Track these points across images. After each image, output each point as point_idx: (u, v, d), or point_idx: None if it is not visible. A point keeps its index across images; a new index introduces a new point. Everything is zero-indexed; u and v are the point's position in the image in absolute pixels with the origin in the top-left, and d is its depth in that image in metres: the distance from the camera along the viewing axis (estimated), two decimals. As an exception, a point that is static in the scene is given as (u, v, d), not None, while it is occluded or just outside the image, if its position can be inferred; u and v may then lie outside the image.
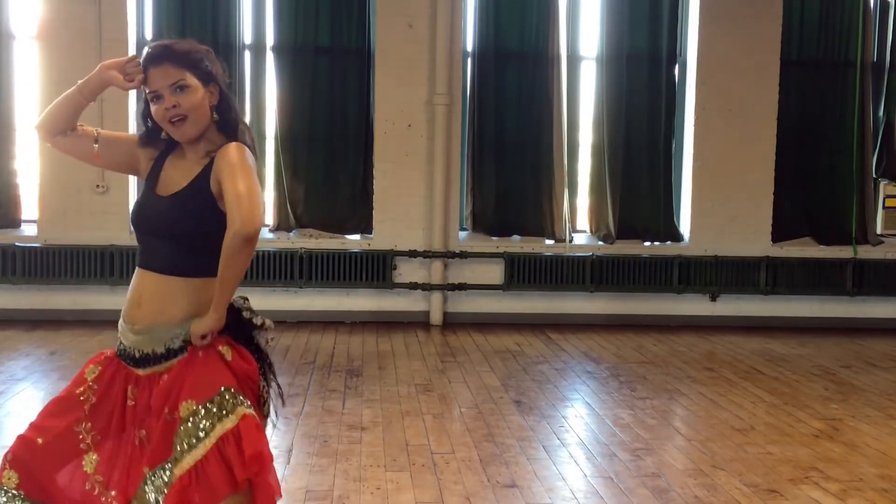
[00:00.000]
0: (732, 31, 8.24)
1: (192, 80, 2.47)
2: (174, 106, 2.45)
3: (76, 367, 6.31)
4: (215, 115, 2.52)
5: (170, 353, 2.48)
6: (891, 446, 4.81)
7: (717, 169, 8.33)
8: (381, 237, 8.11)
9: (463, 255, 8.14)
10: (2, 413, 5.07)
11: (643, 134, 8.35)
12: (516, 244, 8.27)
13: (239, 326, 2.54)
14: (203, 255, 2.44)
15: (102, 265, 7.75)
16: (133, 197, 7.89)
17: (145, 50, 2.54)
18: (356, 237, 8.21)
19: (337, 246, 8.07)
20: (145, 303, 2.49)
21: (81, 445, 2.49)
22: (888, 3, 8.59)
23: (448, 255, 8.10)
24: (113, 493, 2.49)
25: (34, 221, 7.87)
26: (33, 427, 2.51)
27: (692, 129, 8.37)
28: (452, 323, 8.11)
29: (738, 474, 4.29)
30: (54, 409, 2.53)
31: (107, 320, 7.61)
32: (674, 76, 8.42)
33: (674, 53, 8.39)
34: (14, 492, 2.48)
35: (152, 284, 2.49)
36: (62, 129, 2.59)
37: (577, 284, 8.24)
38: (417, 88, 8.03)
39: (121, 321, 2.55)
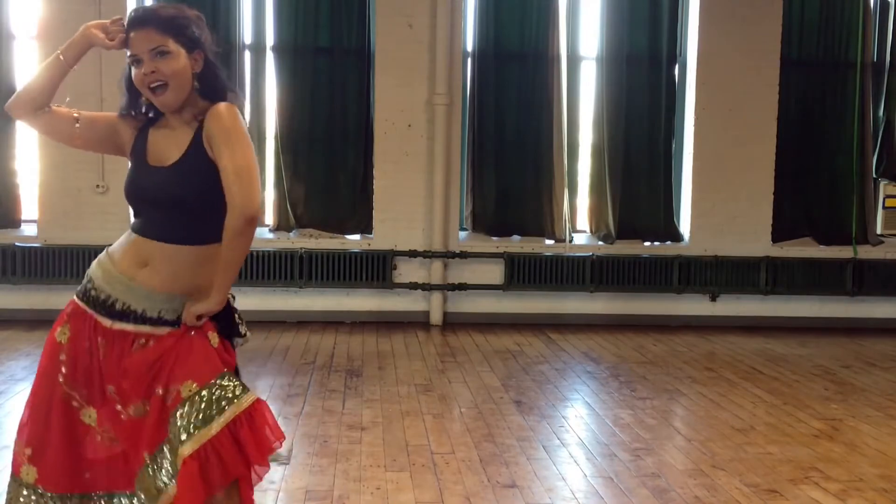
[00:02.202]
0: (732, 31, 8.24)
1: (173, 46, 2.41)
2: (153, 72, 2.40)
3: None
4: (196, 83, 2.46)
5: (159, 321, 2.44)
6: (891, 446, 4.81)
7: (717, 169, 8.33)
8: (381, 237, 8.11)
9: (463, 255, 8.14)
10: (2, 413, 5.07)
11: (643, 134, 8.35)
12: (516, 244, 8.27)
13: (228, 323, 2.52)
14: (208, 222, 2.41)
15: (102, 265, 7.73)
16: (133, 197, 7.89)
17: (130, 12, 2.50)
18: (356, 237, 8.21)
19: (337, 246, 8.07)
20: (155, 267, 2.44)
21: (74, 403, 2.47)
22: (888, 3, 8.59)
23: (448, 255, 8.10)
24: (117, 441, 2.48)
25: (34, 221, 7.87)
26: (34, 416, 2.50)
27: (692, 129, 8.36)
28: (452, 323, 8.10)
29: (738, 474, 4.29)
30: (44, 383, 2.50)
31: (107, 320, 7.63)
32: (674, 76, 8.42)
33: (674, 53, 8.39)
34: (33, 487, 2.45)
35: (161, 252, 2.44)
36: (41, 104, 2.53)
37: (577, 284, 8.24)
38: (417, 88, 8.03)
39: (108, 269, 2.48)
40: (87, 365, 2.46)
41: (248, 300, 2.60)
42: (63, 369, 2.46)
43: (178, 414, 2.35)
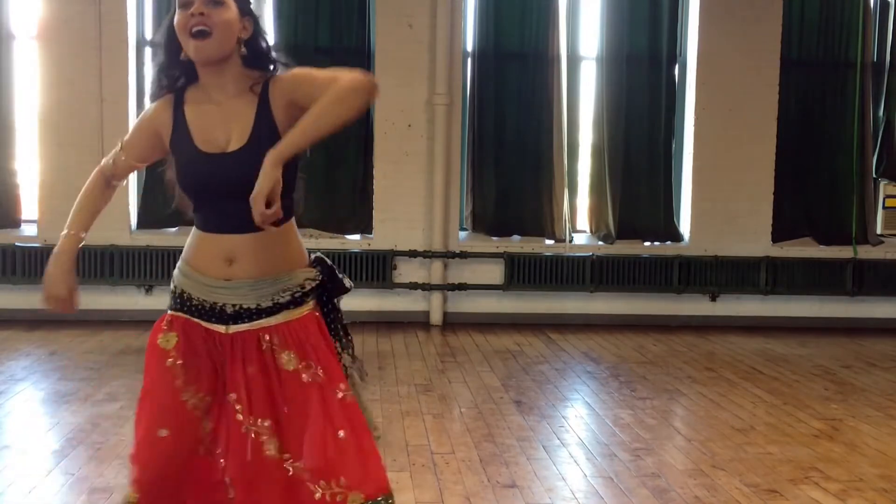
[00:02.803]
0: (732, 31, 8.24)
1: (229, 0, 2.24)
2: (201, 14, 2.19)
3: (76, 367, 6.28)
4: (243, 49, 2.29)
5: (275, 308, 2.26)
6: (891, 446, 4.81)
7: (717, 169, 8.33)
8: (381, 237, 8.11)
9: (463, 255, 8.14)
10: (2, 413, 5.07)
11: (643, 134, 8.35)
12: (516, 244, 8.27)
13: (334, 285, 2.37)
14: (283, 200, 2.18)
15: (102, 265, 7.75)
16: (133, 196, 7.89)
17: None
18: (356, 237, 8.21)
19: (337, 246, 8.07)
20: (240, 260, 2.25)
21: (196, 412, 2.26)
22: (888, 3, 8.59)
23: (448, 255, 8.10)
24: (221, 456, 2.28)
25: (34, 221, 7.87)
26: (148, 422, 2.27)
27: (692, 129, 8.36)
28: (452, 323, 8.10)
29: (738, 474, 4.29)
30: (155, 396, 2.28)
31: (107, 320, 7.63)
32: (674, 76, 8.42)
33: (674, 54, 8.39)
34: None
35: (242, 244, 2.25)
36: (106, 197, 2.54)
37: (577, 284, 8.24)
38: (417, 88, 8.03)
39: (198, 279, 2.29)
40: (209, 369, 2.27)
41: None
42: (181, 373, 2.25)
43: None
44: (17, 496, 3.80)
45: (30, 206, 7.94)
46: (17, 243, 7.73)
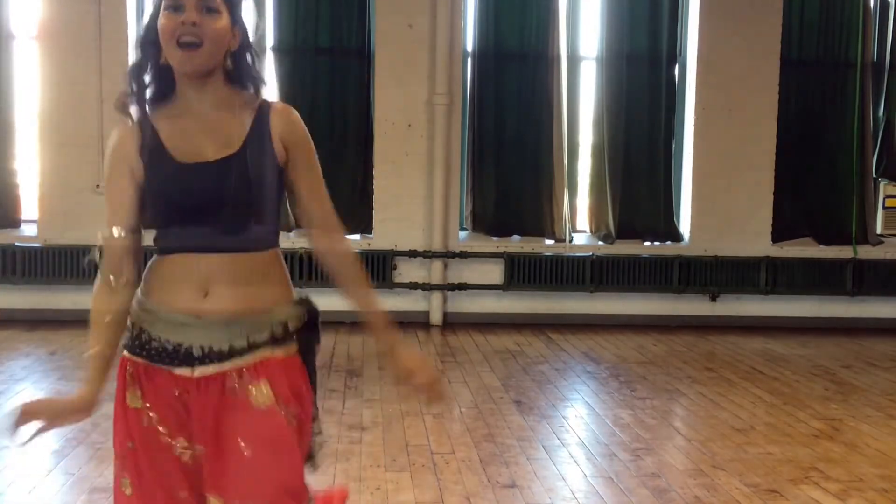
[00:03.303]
0: (732, 31, 8.24)
1: (221, 6, 2.04)
2: (194, 24, 1.98)
3: (76, 367, 6.27)
4: (228, 62, 2.07)
5: (249, 349, 2.05)
6: (891, 446, 4.81)
7: (717, 169, 8.33)
8: (381, 237, 8.11)
9: (463, 255, 8.14)
10: (2, 413, 5.07)
11: (643, 134, 8.35)
12: (516, 244, 8.27)
13: (312, 335, 2.33)
14: (269, 224, 2.13)
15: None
16: (133, 197, 7.88)
17: None
18: (356, 237, 8.20)
19: (337, 246, 8.05)
20: (216, 288, 2.02)
21: (195, 465, 2.06)
22: (888, 3, 8.59)
23: (448, 255, 8.10)
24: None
25: (34, 221, 7.87)
26: (153, 490, 2.06)
27: (692, 129, 8.36)
28: (452, 323, 8.10)
29: (738, 474, 4.29)
30: (152, 453, 2.07)
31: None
32: (674, 76, 8.42)
33: (674, 53, 8.39)
34: None
35: (220, 267, 2.03)
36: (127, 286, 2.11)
37: (577, 284, 8.24)
38: (417, 88, 8.03)
39: (164, 316, 2.04)
40: (183, 420, 2.05)
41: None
42: (161, 428, 2.05)
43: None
44: (17, 496, 3.80)
45: (30, 206, 7.94)
46: (17, 243, 7.73)
